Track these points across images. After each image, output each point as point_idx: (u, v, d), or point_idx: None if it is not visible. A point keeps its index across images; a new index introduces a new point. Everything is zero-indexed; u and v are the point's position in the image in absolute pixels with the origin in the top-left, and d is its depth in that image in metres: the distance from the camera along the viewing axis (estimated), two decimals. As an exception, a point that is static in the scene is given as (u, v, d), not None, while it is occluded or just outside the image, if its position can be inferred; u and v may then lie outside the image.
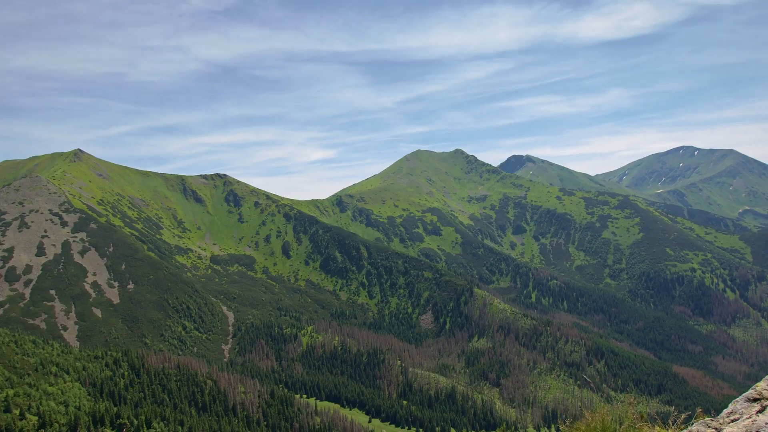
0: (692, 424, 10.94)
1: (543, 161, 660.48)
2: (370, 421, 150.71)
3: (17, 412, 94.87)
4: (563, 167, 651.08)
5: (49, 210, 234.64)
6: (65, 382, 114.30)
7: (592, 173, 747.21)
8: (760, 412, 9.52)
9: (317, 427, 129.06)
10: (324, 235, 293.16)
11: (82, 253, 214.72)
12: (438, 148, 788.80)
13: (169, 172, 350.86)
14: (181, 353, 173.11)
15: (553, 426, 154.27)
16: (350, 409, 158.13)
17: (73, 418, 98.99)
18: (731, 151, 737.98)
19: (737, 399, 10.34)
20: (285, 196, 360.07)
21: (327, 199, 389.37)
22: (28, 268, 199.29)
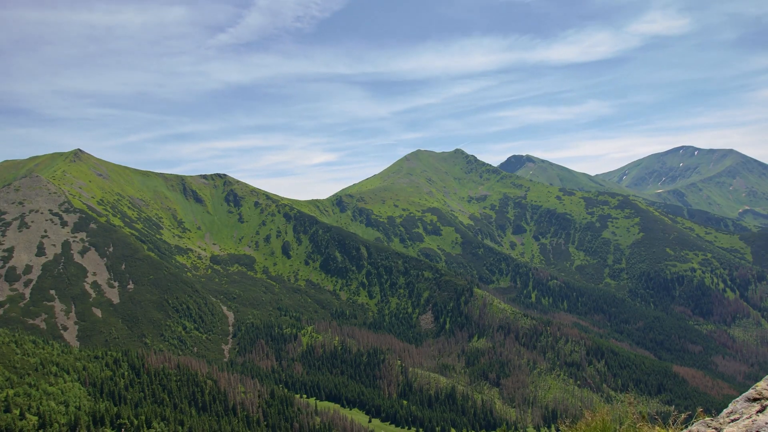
0: (692, 424, 10.96)
1: (543, 161, 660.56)
2: (370, 421, 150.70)
3: (17, 412, 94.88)
4: (563, 167, 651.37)
5: (49, 210, 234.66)
6: (65, 382, 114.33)
7: (592, 173, 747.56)
8: (760, 412, 9.53)
9: (317, 427, 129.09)
10: (324, 235, 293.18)
11: (82, 253, 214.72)
12: (438, 148, 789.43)
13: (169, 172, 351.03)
14: (181, 353, 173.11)
15: (553, 426, 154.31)
16: (350, 409, 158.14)
17: (73, 418, 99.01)
18: (731, 151, 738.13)
19: (737, 399, 10.35)
20: (285, 196, 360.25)
21: (327, 199, 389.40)
22: (28, 268, 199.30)
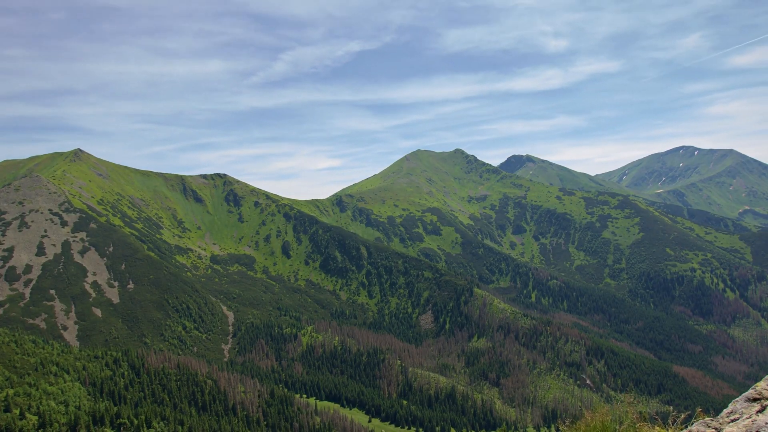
0: (692, 423, 10.95)
1: (543, 161, 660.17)
2: (370, 421, 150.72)
3: (17, 411, 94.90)
4: (563, 167, 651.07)
5: (49, 210, 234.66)
6: (65, 382, 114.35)
7: (592, 173, 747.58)
8: (760, 412, 9.53)
9: (317, 426, 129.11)
10: (324, 234, 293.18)
11: (82, 252, 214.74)
12: (437, 148, 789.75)
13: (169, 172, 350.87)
14: (181, 353, 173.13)
15: (553, 426, 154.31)
16: (350, 409, 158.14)
17: (73, 418, 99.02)
18: (731, 151, 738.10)
19: (737, 399, 10.34)
20: (285, 196, 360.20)
21: (327, 199, 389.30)
22: (28, 268, 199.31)
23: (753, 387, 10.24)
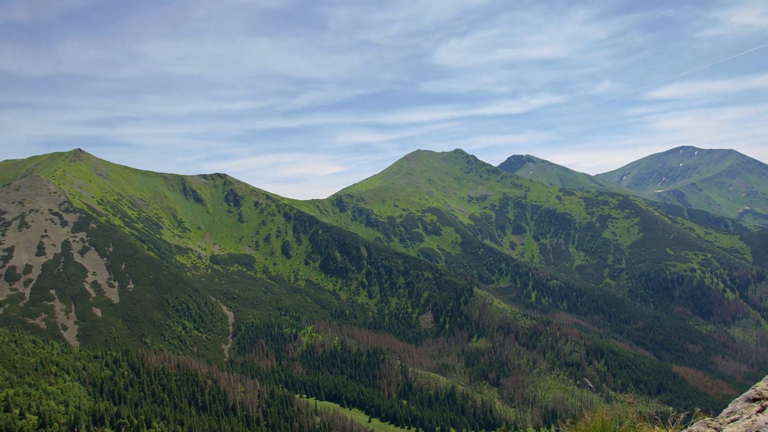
0: (692, 423, 10.95)
1: (543, 161, 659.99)
2: (369, 421, 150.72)
3: (17, 411, 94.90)
4: (563, 167, 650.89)
5: (49, 210, 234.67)
6: (65, 382, 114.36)
7: (592, 173, 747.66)
8: (760, 412, 9.52)
9: (317, 426, 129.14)
10: (324, 234, 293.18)
11: (82, 252, 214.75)
12: (438, 148, 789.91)
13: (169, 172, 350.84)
14: (181, 353, 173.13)
15: (552, 426, 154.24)
16: (350, 409, 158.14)
17: (73, 418, 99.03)
18: (731, 151, 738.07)
19: (737, 399, 10.34)
20: (285, 196, 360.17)
21: (327, 198, 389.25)
22: (28, 268, 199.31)
23: (753, 387, 10.23)
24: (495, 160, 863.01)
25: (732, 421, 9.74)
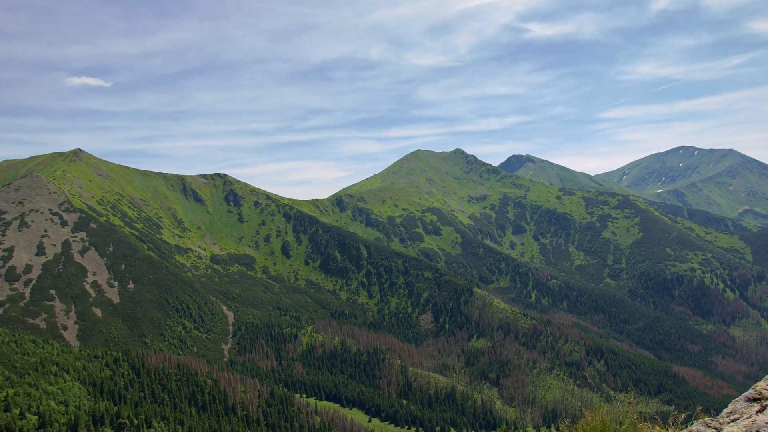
0: (692, 423, 10.95)
1: (543, 161, 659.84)
2: (369, 421, 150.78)
3: (17, 411, 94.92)
4: (563, 167, 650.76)
5: (49, 210, 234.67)
6: (65, 382, 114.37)
7: (592, 173, 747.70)
8: (760, 411, 9.53)
9: (317, 426, 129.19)
10: (324, 234, 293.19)
11: (82, 252, 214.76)
12: (438, 148, 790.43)
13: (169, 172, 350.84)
14: (181, 353, 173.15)
15: (552, 426, 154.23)
16: (350, 409, 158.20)
17: (73, 418, 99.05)
18: (731, 151, 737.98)
19: (737, 399, 10.34)
20: (285, 196, 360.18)
21: (327, 198, 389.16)
22: (28, 268, 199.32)
23: (753, 387, 10.24)
24: (495, 160, 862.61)
25: (732, 420, 9.74)
